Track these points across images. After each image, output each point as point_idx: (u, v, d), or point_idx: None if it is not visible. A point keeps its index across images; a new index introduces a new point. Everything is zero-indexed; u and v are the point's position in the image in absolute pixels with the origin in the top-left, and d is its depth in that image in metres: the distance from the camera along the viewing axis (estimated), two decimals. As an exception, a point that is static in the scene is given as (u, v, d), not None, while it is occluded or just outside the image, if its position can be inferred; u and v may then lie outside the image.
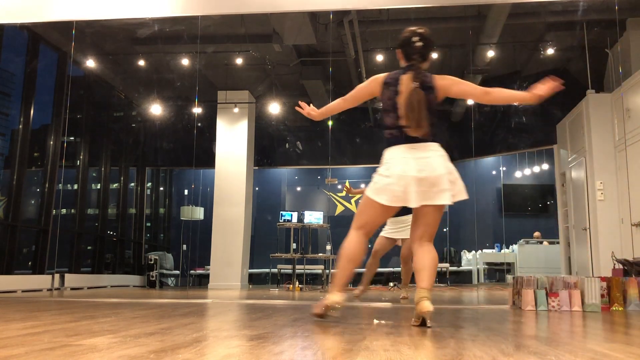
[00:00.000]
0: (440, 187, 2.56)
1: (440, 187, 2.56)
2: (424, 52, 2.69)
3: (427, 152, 2.60)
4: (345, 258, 2.72)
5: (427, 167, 2.56)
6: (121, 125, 10.73)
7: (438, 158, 2.59)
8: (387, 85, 2.70)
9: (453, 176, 2.61)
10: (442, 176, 2.56)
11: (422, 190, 2.56)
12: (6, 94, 17.49)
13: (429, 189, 2.56)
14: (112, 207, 10.34)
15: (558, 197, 8.68)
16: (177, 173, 12.34)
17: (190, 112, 9.80)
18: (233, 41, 7.99)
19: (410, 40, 2.70)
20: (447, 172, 2.58)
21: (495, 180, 11.71)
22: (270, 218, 11.63)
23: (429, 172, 2.55)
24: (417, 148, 2.61)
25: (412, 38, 2.69)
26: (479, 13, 7.26)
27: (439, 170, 2.56)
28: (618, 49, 6.89)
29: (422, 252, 2.64)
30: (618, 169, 6.69)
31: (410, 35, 2.71)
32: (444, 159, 2.61)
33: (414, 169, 2.56)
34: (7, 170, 7.63)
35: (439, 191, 2.56)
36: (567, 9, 7.03)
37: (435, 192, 2.56)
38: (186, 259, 10.54)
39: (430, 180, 2.55)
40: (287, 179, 12.51)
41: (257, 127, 9.94)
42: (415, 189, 2.55)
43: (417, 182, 2.55)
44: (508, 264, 10.22)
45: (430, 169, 2.56)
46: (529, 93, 2.66)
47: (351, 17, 7.01)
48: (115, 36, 8.05)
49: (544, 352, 1.67)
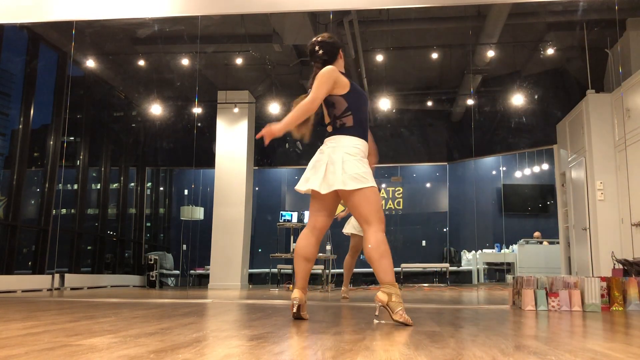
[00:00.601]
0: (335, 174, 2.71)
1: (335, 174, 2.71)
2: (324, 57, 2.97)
3: (328, 144, 2.84)
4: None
5: (316, 158, 2.85)
6: (121, 125, 10.73)
7: (333, 149, 2.79)
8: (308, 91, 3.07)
9: (346, 164, 2.71)
10: (337, 163, 2.73)
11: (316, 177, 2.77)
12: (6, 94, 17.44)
13: (312, 178, 2.78)
14: (112, 207, 10.34)
15: (558, 197, 8.68)
16: (177, 173, 12.33)
17: (190, 112, 9.80)
18: (233, 41, 7.99)
19: (312, 51, 3.01)
20: (341, 160, 2.72)
21: (495, 180, 11.70)
22: (270, 218, 11.63)
23: (315, 162, 2.83)
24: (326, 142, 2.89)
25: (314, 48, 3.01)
26: (479, 13, 7.26)
27: (331, 158, 2.76)
28: (618, 49, 6.90)
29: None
30: (618, 169, 6.69)
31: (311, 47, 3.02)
32: (334, 150, 2.78)
33: (313, 159, 2.88)
34: (7, 170, 7.63)
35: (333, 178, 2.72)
36: (567, 9, 7.03)
37: (331, 179, 2.72)
38: (186, 259, 10.54)
39: (322, 168, 2.77)
40: (287, 179, 12.51)
41: (257, 127, 9.94)
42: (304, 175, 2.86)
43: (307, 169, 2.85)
44: (508, 264, 10.22)
45: (316, 160, 2.83)
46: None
47: (351, 17, 7.01)
48: (115, 36, 8.05)
49: (544, 352, 1.67)
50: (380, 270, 2.61)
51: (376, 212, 2.67)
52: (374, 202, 2.68)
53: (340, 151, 2.72)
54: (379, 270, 2.61)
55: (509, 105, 9.22)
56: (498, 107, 9.64)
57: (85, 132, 9.33)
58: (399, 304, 2.54)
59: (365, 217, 2.67)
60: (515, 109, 9.21)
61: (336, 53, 2.97)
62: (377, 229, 2.65)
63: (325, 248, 8.50)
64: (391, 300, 2.53)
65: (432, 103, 10.01)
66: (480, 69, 8.41)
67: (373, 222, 2.66)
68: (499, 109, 9.63)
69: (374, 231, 2.64)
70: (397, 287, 2.58)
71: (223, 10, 5.69)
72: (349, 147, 2.73)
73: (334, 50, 2.95)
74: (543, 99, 8.97)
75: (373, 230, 2.65)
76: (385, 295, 2.53)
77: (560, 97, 8.73)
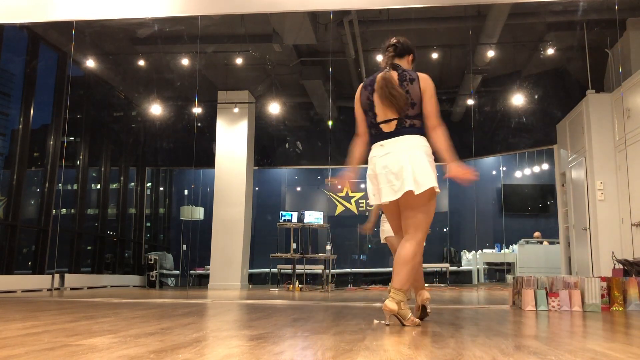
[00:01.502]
0: (402, 181, 2.57)
1: (402, 181, 2.57)
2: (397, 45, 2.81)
3: (394, 147, 2.63)
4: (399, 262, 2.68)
5: (389, 163, 2.62)
6: (121, 125, 10.73)
7: (402, 152, 2.60)
8: (365, 87, 2.79)
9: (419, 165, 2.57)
10: (406, 166, 2.57)
11: (388, 186, 2.61)
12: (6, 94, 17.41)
13: (393, 183, 2.60)
14: (112, 207, 10.34)
15: (558, 197, 8.68)
16: (177, 173, 12.33)
17: (190, 112, 9.80)
18: (233, 41, 7.99)
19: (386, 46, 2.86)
20: (410, 162, 2.58)
21: (495, 180, 11.70)
22: (270, 218, 11.63)
23: (390, 168, 2.61)
24: (385, 144, 2.67)
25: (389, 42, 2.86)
26: (479, 13, 7.26)
27: (402, 162, 2.59)
28: (618, 49, 6.89)
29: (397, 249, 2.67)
30: (618, 169, 6.69)
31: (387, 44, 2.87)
32: (410, 151, 2.60)
33: (379, 166, 2.65)
34: (7, 170, 7.63)
35: (400, 185, 2.57)
36: (567, 9, 7.03)
37: (398, 185, 2.58)
38: (186, 259, 10.54)
39: (393, 174, 2.60)
40: (287, 179, 12.51)
41: (257, 127, 9.95)
42: (382, 185, 2.63)
43: (382, 179, 2.63)
44: (508, 264, 10.22)
45: (392, 164, 2.61)
46: (451, 164, 2.68)
47: (351, 17, 7.01)
48: (115, 36, 8.05)
49: (544, 352, 1.67)
50: (400, 275, 2.55)
51: (430, 221, 2.69)
52: (434, 210, 2.70)
53: (420, 150, 2.60)
54: (400, 275, 2.56)
55: (509, 105, 9.22)
56: (498, 107, 9.64)
57: (85, 132, 9.33)
58: (407, 310, 2.56)
59: (421, 223, 2.63)
60: (515, 109, 9.21)
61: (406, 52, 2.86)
62: (423, 238, 2.65)
63: (325, 248, 8.49)
64: (400, 309, 2.53)
65: (432, 103, 9.98)
66: (480, 69, 8.41)
67: (423, 230, 2.64)
68: (499, 109, 9.63)
69: (420, 239, 2.62)
70: (404, 293, 2.57)
71: (223, 10, 5.69)
72: (427, 148, 2.63)
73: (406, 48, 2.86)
74: (543, 99, 8.97)
75: (420, 238, 2.62)
76: (394, 304, 2.50)
77: (560, 97, 8.73)
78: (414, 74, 2.72)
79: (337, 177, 3.10)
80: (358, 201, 12.13)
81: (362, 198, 12.08)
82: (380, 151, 2.67)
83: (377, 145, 2.70)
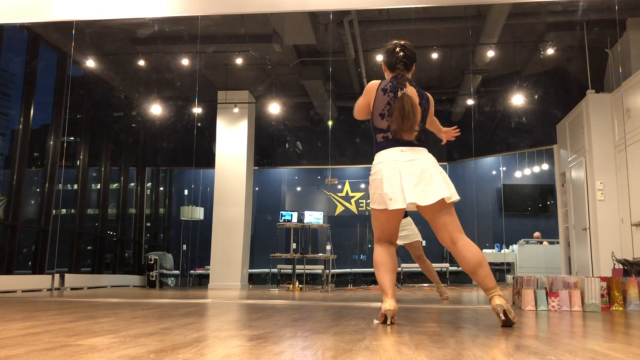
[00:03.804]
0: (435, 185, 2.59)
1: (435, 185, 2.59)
2: (406, 61, 2.79)
3: (418, 154, 2.67)
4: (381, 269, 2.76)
5: (417, 168, 2.61)
6: (121, 125, 10.73)
7: (429, 159, 2.68)
8: (384, 91, 2.75)
9: (444, 175, 2.68)
10: (435, 175, 2.62)
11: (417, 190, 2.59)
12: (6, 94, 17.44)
13: (425, 188, 2.59)
14: (112, 207, 10.34)
15: (558, 197, 8.68)
16: (177, 173, 12.34)
17: (190, 112, 9.80)
18: (233, 41, 7.99)
19: (394, 50, 2.82)
20: (439, 171, 2.66)
21: (495, 180, 11.70)
22: (270, 218, 11.64)
23: (420, 172, 2.61)
24: (406, 151, 2.68)
25: (395, 49, 2.82)
26: (479, 13, 7.26)
27: (431, 170, 2.62)
28: (618, 49, 6.89)
29: (459, 253, 2.63)
30: (618, 169, 6.69)
31: (393, 47, 2.84)
32: (434, 160, 2.71)
33: (405, 170, 2.62)
34: (7, 170, 7.64)
35: (434, 188, 2.59)
36: (567, 9, 7.03)
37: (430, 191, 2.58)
38: (186, 259, 10.54)
39: (423, 179, 2.60)
40: (287, 179, 12.51)
41: (257, 127, 9.95)
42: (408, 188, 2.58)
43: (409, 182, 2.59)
44: (508, 264, 10.22)
45: (421, 169, 2.61)
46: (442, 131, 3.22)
47: (351, 17, 7.02)
48: (115, 36, 8.05)
49: (544, 352, 1.67)
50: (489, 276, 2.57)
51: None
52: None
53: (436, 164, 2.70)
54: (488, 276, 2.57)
55: (509, 105, 9.22)
56: (498, 107, 9.65)
57: (85, 132, 9.33)
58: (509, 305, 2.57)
59: (459, 224, 2.70)
60: (515, 109, 9.21)
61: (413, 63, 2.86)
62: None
63: (325, 248, 8.49)
64: (507, 304, 2.52)
65: (432, 103, 9.99)
66: (480, 69, 8.42)
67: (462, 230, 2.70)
68: (499, 109, 9.63)
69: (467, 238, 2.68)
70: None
71: (223, 10, 5.69)
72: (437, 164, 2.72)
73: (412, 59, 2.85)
74: (543, 99, 8.98)
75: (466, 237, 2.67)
76: (503, 299, 2.50)
77: (560, 97, 8.73)
78: (424, 94, 2.84)
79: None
80: (358, 201, 12.13)
81: (362, 198, 12.08)
82: (402, 157, 2.66)
83: (396, 150, 2.68)
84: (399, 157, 2.65)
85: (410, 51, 2.82)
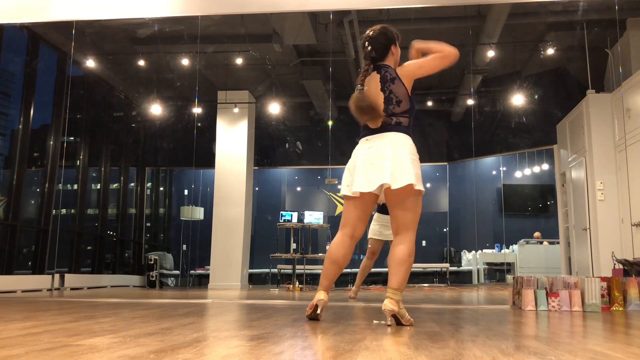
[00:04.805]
0: (382, 172, 2.58)
1: (382, 172, 2.58)
2: (374, 55, 2.78)
3: (381, 140, 2.65)
4: (327, 260, 2.81)
5: (371, 155, 2.64)
6: (121, 125, 10.73)
7: (385, 147, 2.61)
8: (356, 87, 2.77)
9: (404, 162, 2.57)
10: (387, 161, 2.58)
11: (364, 177, 2.62)
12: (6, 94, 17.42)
13: (370, 175, 2.61)
14: (112, 207, 10.34)
15: (558, 197, 8.68)
16: (177, 173, 12.34)
17: (190, 112, 9.80)
18: (233, 41, 7.99)
19: (363, 45, 2.82)
20: (400, 157, 2.57)
21: (495, 180, 11.70)
22: (270, 218, 11.63)
23: (374, 158, 2.62)
24: (370, 139, 2.70)
25: (364, 44, 2.81)
26: (479, 13, 7.26)
27: (386, 155, 2.59)
28: (618, 49, 6.89)
29: (391, 248, 2.66)
30: (618, 169, 6.69)
31: (363, 42, 2.83)
32: (399, 144, 2.61)
33: (360, 158, 2.67)
34: (7, 170, 7.64)
35: (377, 177, 2.59)
36: (567, 9, 7.03)
37: (374, 178, 2.59)
38: (186, 259, 10.54)
39: (372, 167, 2.61)
40: (287, 179, 12.51)
41: (257, 127, 9.94)
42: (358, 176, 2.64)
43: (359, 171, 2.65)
44: (508, 264, 10.22)
45: (376, 155, 2.62)
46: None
47: (351, 17, 7.01)
48: (115, 36, 8.05)
49: (544, 352, 1.67)
50: (398, 275, 2.55)
51: (418, 220, 2.66)
52: (420, 209, 2.67)
53: (404, 149, 2.59)
54: (397, 275, 2.55)
55: (509, 105, 9.22)
56: (498, 107, 9.65)
57: (85, 132, 9.33)
58: (404, 309, 2.58)
59: (410, 223, 2.62)
60: (515, 109, 9.21)
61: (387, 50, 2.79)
62: (414, 238, 2.63)
63: (325, 248, 8.49)
64: (400, 308, 2.53)
65: (432, 103, 10.01)
66: (480, 69, 8.41)
67: (413, 229, 2.64)
68: (499, 109, 9.63)
69: (412, 239, 2.62)
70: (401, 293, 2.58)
71: (223, 10, 5.69)
72: (411, 147, 2.63)
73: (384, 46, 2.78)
74: (543, 99, 8.98)
75: (411, 238, 2.62)
76: (394, 304, 2.50)
77: (560, 97, 8.73)
78: (393, 72, 2.73)
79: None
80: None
81: (362, 198, 12.06)
82: (365, 145, 2.71)
83: (364, 140, 2.74)
84: (362, 146, 2.73)
85: (377, 41, 2.77)
